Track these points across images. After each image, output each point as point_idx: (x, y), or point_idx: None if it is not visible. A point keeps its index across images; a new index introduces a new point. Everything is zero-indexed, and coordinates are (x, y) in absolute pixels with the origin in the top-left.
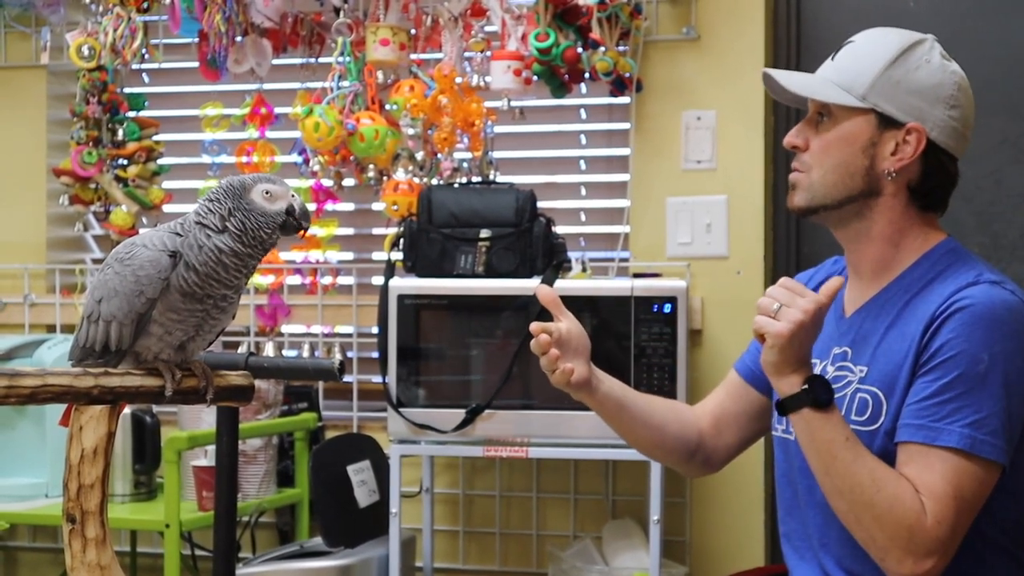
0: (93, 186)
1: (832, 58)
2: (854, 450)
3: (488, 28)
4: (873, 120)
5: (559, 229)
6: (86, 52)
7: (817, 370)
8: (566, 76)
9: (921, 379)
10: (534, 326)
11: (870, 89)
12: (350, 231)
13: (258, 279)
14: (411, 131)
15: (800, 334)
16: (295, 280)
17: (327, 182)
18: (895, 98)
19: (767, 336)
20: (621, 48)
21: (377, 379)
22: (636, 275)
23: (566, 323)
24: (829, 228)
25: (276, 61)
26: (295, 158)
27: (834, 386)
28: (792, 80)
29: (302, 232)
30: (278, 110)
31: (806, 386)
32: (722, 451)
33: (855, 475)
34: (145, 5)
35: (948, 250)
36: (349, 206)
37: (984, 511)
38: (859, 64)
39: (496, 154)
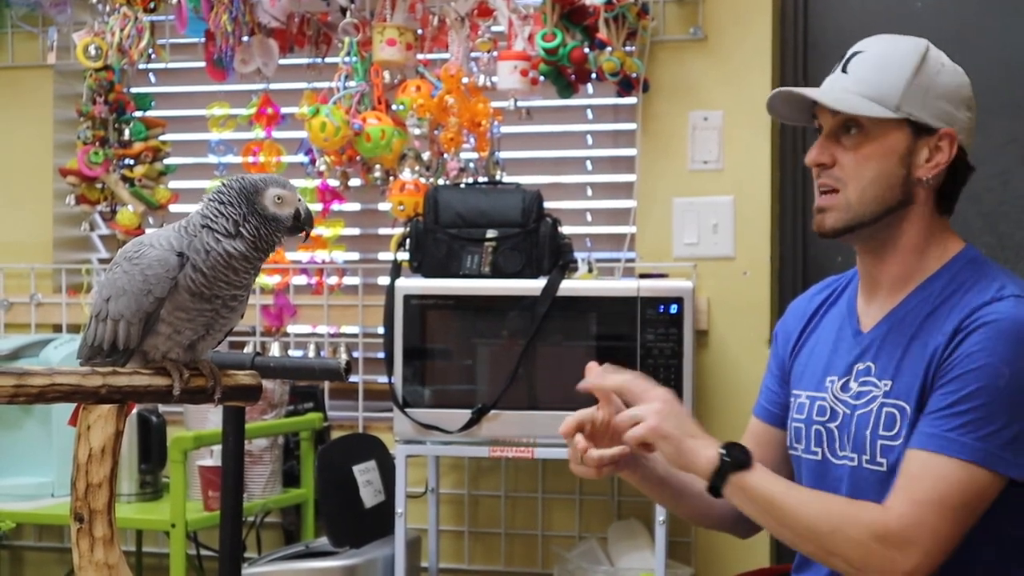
0: (99, 186)
1: (843, 70)
2: (797, 495)
3: (495, 28)
4: (907, 130)
5: (565, 229)
6: (93, 52)
7: (837, 386)
8: (573, 76)
9: (940, 390)
10: (569, 429)
11: (903, 99)
12: (356, 231)
13: (264, 279)
14: (417, 131)
15: (668, 417)
16: (301, 280)
17: (333, 182)
18: (926, 105)
19: (647, 438)
20: (628, 48)
21: (383, 379)
22: (642, 276)
23: (607, 410)
24: (855, 245)
25: (282, 61)
26: (301, 158)
27: (858, 402)
28: (826, 96)
29: (305, 237)
30: (284, 110)
31: (723, 451)
32: None
33: (807, 517)
34: (152, 5)
35: (969, 260)
36: (355, 206)
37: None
38: (885, 75)
39: (502, 154)
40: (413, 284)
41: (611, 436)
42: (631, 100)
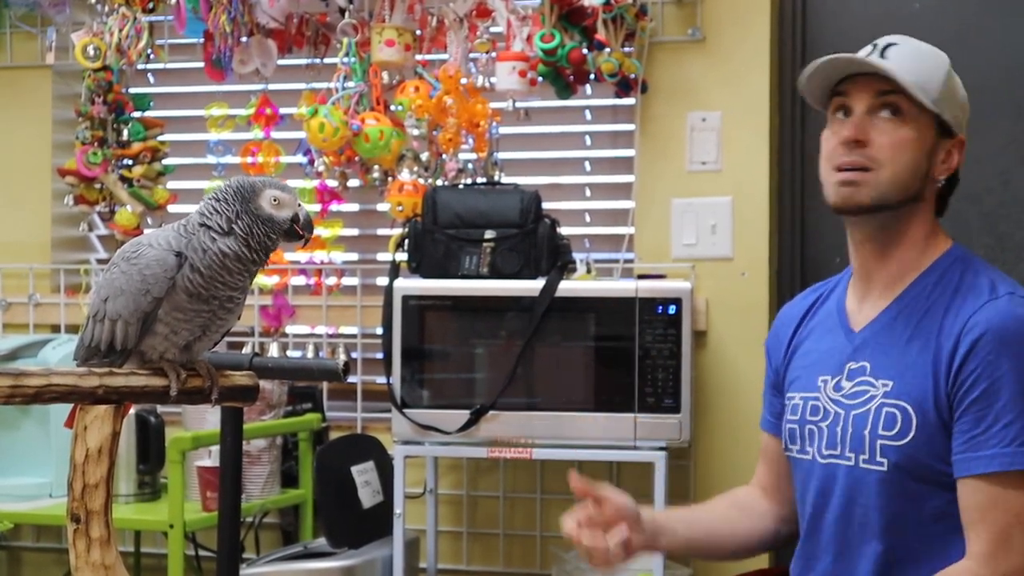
0: (98, 186)
1: (880, 55)
2: None
3: (493, 29)
4: (934, 126)
5: (564, 230)
6: (91, 52)
7: (830, 386)
8: (571, 77)
9: (970, 412)
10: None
11: (940, 95)
12: (355, 232)
13: (263, 279)
14: (416, 132)
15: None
16: (300, 280)
17: (332, 183)
18: (952, 108)
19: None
20: (626, 49)
21: (381, 380)
22: (640, 276)
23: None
24: (863, 231)
25: (281, 61)
26: (300, 158)
27: (854, 401)
28: (892, 68)
29: (303, 243)
30: (283, 110)
31: None
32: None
33: None
34: (151, 5)
35: (957, 258)
36: (354, 207)
37: None
38: (926, 67)
39: (501, 155)
40: (411, 285)
41: (615, 519)
42: (629, 101)
